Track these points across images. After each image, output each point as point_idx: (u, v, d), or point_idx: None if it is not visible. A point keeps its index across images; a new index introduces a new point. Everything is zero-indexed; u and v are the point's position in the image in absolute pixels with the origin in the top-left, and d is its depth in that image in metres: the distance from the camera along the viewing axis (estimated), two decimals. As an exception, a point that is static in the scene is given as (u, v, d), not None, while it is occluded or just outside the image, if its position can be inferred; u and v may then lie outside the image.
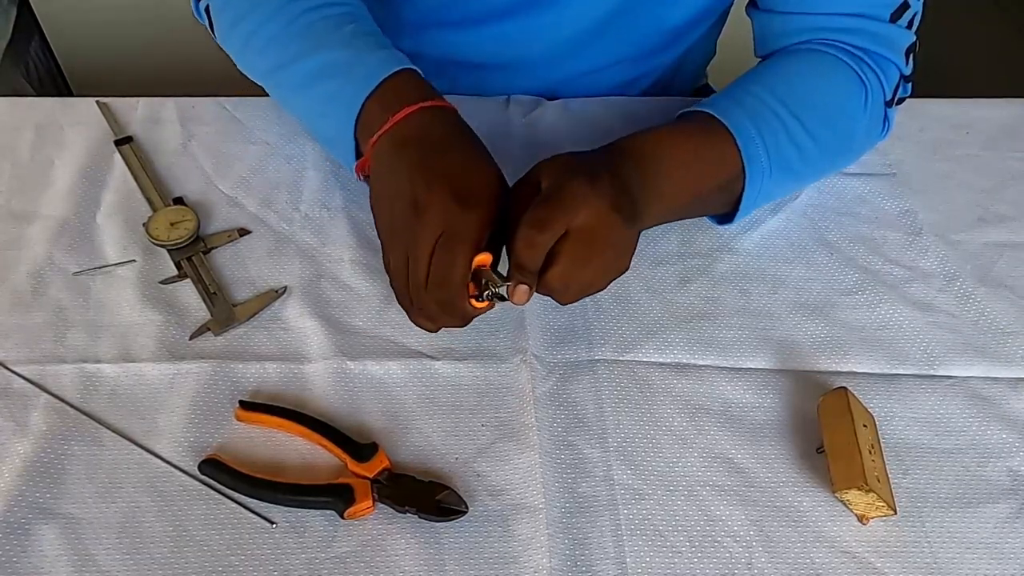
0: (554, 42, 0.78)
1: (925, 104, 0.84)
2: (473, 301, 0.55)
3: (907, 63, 0.70)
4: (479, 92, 0.79)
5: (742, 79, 0.68)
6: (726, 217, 0.67)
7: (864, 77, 0.67)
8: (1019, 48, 1.72)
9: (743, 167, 0.62)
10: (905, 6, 0.67)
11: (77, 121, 0.78)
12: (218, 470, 0.55)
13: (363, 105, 0.59)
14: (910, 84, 0.71)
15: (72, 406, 0.59)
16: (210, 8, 0.69)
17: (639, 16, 0.77)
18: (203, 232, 0.70)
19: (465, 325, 0.57)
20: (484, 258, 0.54)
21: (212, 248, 0.69)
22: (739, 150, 0.62)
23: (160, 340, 0.62)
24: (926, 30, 0.71)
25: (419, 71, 0.61)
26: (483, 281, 0.55)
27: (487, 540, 0.54)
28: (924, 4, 0.68)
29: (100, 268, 0.67)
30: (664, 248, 0.71)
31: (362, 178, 0.62)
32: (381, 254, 0.58)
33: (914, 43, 0.69)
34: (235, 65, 0.69)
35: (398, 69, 0.59)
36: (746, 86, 0.67)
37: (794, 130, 0.64)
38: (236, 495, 0.55)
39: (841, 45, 0.68)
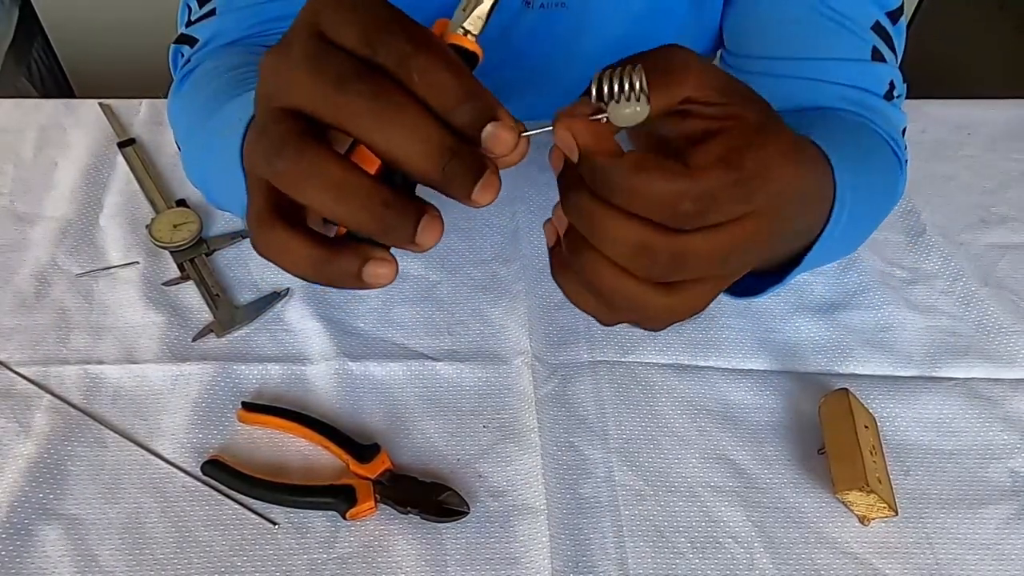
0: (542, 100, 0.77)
1: (927, 105, 0.84)
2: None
3: (905, 147, 0.65)
4: None
5: (797, 124, 0.57)
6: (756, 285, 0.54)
7: (897, 153, 0.63)
8: (1021, 48, 1.71)
9: (829, 214, 0.50)
10: (893, 85, 0.63)
11: (80, 123, 0.78)
12: (220, 471, 0.55)
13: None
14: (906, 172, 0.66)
15: (75, 407, 0.59)
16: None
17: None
18: (206, 234, 0.70)
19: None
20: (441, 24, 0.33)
21: (215, 250, 0.69)
22: (834, 192, 0.50)
23: (163, 341, 0.63)
24: (928, 30, 0.70)
25: None
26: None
27: (489, 541, 0.54)
28: (922, 22, 0.66)
29: (103, 270, 0.67)
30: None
31: None
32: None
33: (906, 126, 0.65)
34: None
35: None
36: (819, 132, 0.53)
37: (865, 195, 0.55)
38: (238, 496, 0.55)
39: (858, 119, 0.62)
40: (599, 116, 0.32)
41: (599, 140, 0.32)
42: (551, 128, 0.34)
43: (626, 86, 0.31)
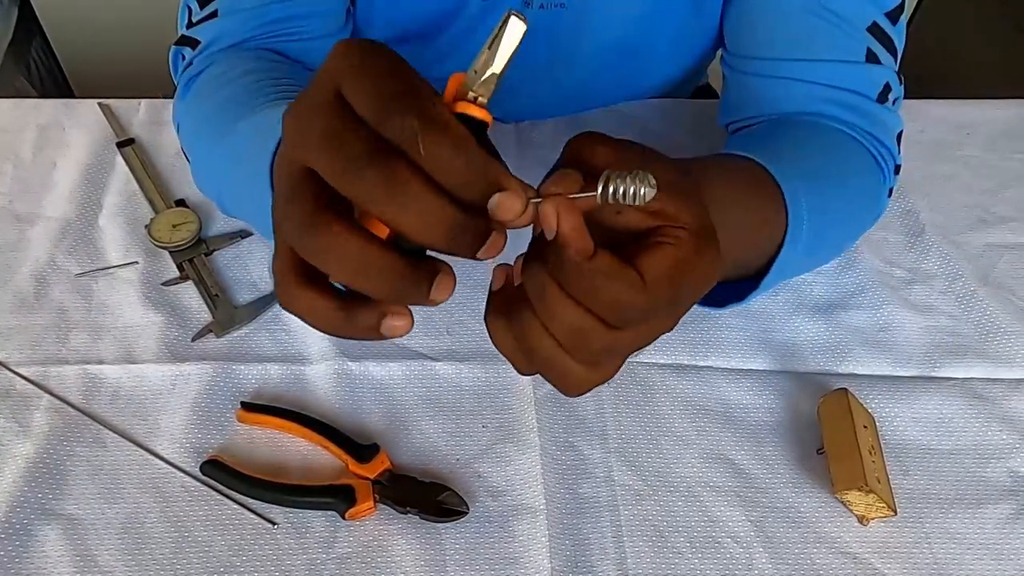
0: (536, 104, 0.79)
1: (926, 105, 0.84)
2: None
3: (899, 151, 0.66)
4: None
5: (772, 137, 0.62)
6: (726, 297, 0.58)
7: (880, 161, 0.64)
8: (1021, 48, 1.71)
9: (782, 240, 0.54)
10: (888, 88, 0.63)
11: (79, 123, 0.78)
12: (220, 471, 0.55)
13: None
14: (897, 175, 0.67)
15: (74, 407, 0.59)
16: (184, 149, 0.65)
17: (610, 90, 0.77)
18: (205, 234, 0.70)
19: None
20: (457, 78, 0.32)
21: (214, 250, 0.69)
22: (787, 217, 0.53)
23: (162, 341, 0.63)
24: (928, 29, 0.70)
25: None
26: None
27: (488, 541, 0.54)
28: (918, 27, 0.66)
29: (102, 270, 0.67)
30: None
31: None
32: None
33: (902, 130, 0.65)
34: None
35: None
36: (788, 150, 0.58)
37: (831, 213, 0.57)
38: (237, 496, 0.55)
39: (840, 126, 0.63)
40: (590, 195, 0.33)
41: (578, 232, 0.34)
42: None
43: (631, 192, 0.32)
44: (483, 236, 0.32)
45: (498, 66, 0.31)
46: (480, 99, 0.32)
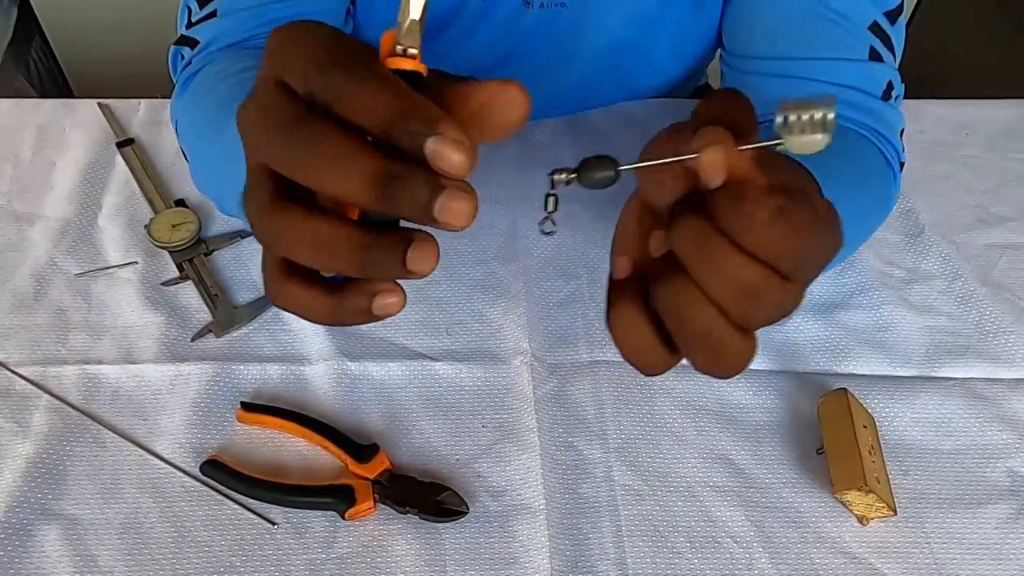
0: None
1: (925, 105, 0.84)
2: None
3: (903, 148, 0.66)
4: None
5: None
6: None
7: (888, 159, 0.64)
8: (1020, 48, 1.71)
9: None
10: (891, 86, 0.63)
11: (79, 123, 0.78)
12: (219, 471, 0.55)
13: None
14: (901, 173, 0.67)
15: (74, 407, 0.59)
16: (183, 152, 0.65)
17: (606, 91, 0.76)
18: (204, 234, 0.70)
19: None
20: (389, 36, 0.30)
21: (214, 250, 0.69)
22: None
23: (162, 341, 0.63)
24: (927, 29, 0.70)
25: None
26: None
27: (488, 541, 0.54)
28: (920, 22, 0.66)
29: (102, 270, 0.67)
30: (664, 249, 0.71)
31: None
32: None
33: (904, 127, 0.66)
34: None
35: None
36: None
37: (851, 213, 0.58)
38: (237, 496, 0.55)
39: (848, 124, 0.63)
40: (772, 143, 0.31)
41: (754, 170, 0.31)
42: (638, 166, 0.33)
43: (816, 118, 0.31)
44: (428, 189, 0.27)
45: (416, 11, 0.29)
46: (410, 50, 0.30)
